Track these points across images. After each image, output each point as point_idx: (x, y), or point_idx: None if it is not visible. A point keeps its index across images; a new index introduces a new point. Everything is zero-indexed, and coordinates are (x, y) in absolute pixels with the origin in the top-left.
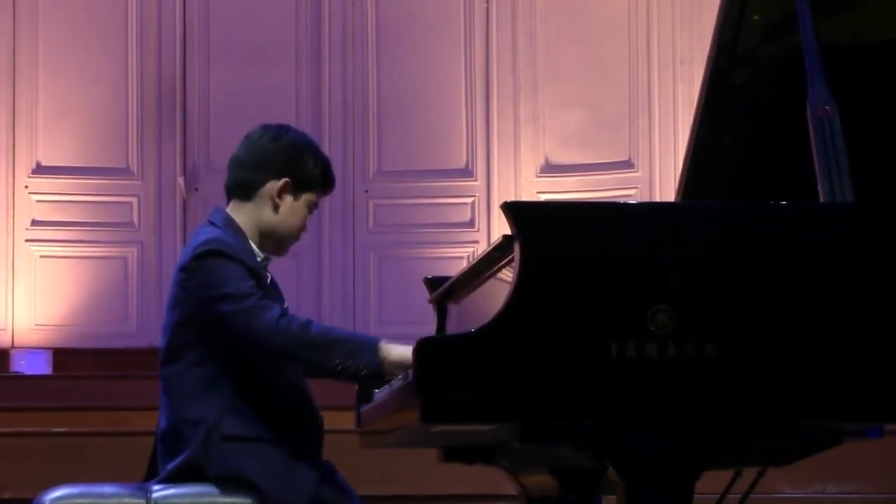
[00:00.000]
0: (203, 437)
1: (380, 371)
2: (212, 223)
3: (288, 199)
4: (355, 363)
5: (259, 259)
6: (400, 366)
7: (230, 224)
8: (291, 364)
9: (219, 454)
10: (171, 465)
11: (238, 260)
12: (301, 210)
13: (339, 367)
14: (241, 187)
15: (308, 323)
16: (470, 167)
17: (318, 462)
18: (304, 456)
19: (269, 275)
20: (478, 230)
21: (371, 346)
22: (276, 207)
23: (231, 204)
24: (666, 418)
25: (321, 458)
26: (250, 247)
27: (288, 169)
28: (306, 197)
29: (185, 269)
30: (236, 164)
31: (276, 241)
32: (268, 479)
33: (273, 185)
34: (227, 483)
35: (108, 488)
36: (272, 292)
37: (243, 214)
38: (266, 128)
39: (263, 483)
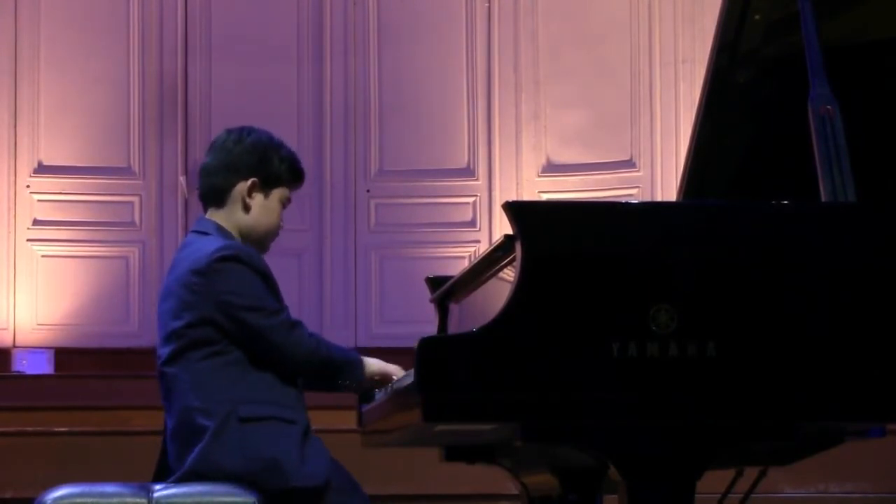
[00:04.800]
0: (218, 425)
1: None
2: (203, 232)
3: (258, 197)
4: (353, 380)
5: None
6: (376, 379)
7: (222, 231)
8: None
9: (235, 436)
10: (190, 457)
11: (256, 268)
12: (274, 207)
13: (342, 385)
14: (213, 194)
15: (328, 344)
16: (471, 167)
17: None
18: (315, 439)
19: None
20: (479, 230)
21: (361, 368)
22: (246, 208)
23: (208, 212)
24: (668, 418)
25: None
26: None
27: (254, 168)
28: (277, 193)
29: (202, 273)
30: (205, 172)
31: (256, 241)
32: (287, 454)
33: (242, 187)
34: (244, 467)
35: (109, 487)
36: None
37: (221, 220)
38: (229, 132)
39: (283, 457)
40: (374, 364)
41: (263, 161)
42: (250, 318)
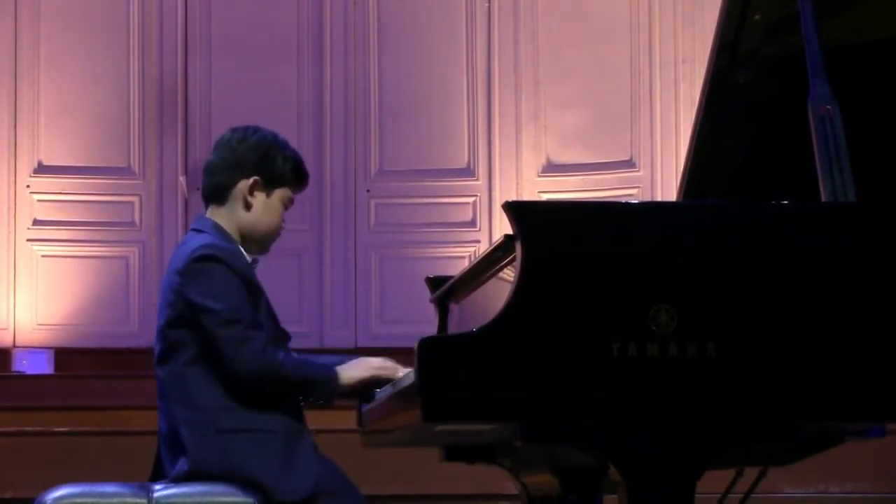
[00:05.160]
0: (200, 434)
1: (335, 396)
2: (199, 230)
3: (260, 196)
4: (316, 398)
5: (248, 261)
6: (355, 385)
7: (219, 229)
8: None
9: (217, 449)
10: (174, 471)
11: (233, 268)
12: (276, 207)
13: (304, 401)
14: (216, 191)
15: (284, 359)
16: (471, 167)
17: (317, 450)
18: (303, 442)
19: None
20: (479, 230)
21: (331, 380)
22: (247, 206)
23: (209, 210)
24: (668, 418)
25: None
26: (240, 251)
27: (257, 167)
28: (279, 193)
29: (182, 273)
30: (209, 169)
31: (256, 241)
32: (268, 473)
33: (244, 185)
34: (228, 481)
35: (109, 487)
36: (261, 299)
37: (222, 218)
38: (234, 130)
39: (264, 477)
40: (345, 376)
41: (267, 159)
42: (204, 319)
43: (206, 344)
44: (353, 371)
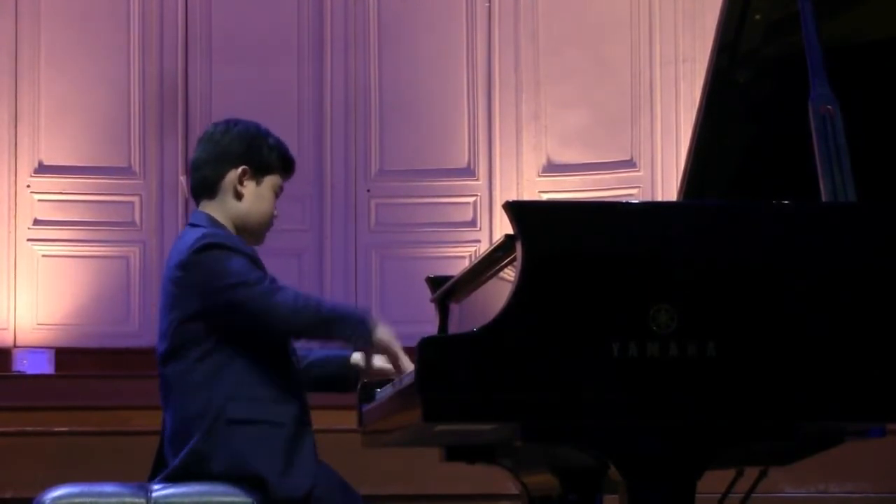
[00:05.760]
0: (208, 424)
1: (369, 342)
2: (195, 225)
3: (250, 185)
4: (354, 337)
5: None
6: (381, 345)
7: (214, 222)
8: (288, 350)
9: (222, 439)
10: (178, 458)
11: (237, 250)
12: (267, 194)
13: (343, 339)
14: (205, 185)
15: (319, 301)
16: (472, 166)
17: (315, 447)
18: (305, 440)
19: None
20: (480, 229)
21: (368, 322)
22: (238, 196)
23: (201, 205)
24: (668, 418)
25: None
26: (238, 237)
27: (243, 156)
28: (269, 181)
29: (183, 267)
30: (195, 165)
31: (250, 232)
32: (270, 467)
33: (233, 175)
34: (229, 474)
35: (108, 487)
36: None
37: (214, 211)
38: (216, 124)
39: (266, 471)
40: (379, 334)
41: (252, 148)
42: (233, 295)
43: (220, 335)
44: (386, 332)
